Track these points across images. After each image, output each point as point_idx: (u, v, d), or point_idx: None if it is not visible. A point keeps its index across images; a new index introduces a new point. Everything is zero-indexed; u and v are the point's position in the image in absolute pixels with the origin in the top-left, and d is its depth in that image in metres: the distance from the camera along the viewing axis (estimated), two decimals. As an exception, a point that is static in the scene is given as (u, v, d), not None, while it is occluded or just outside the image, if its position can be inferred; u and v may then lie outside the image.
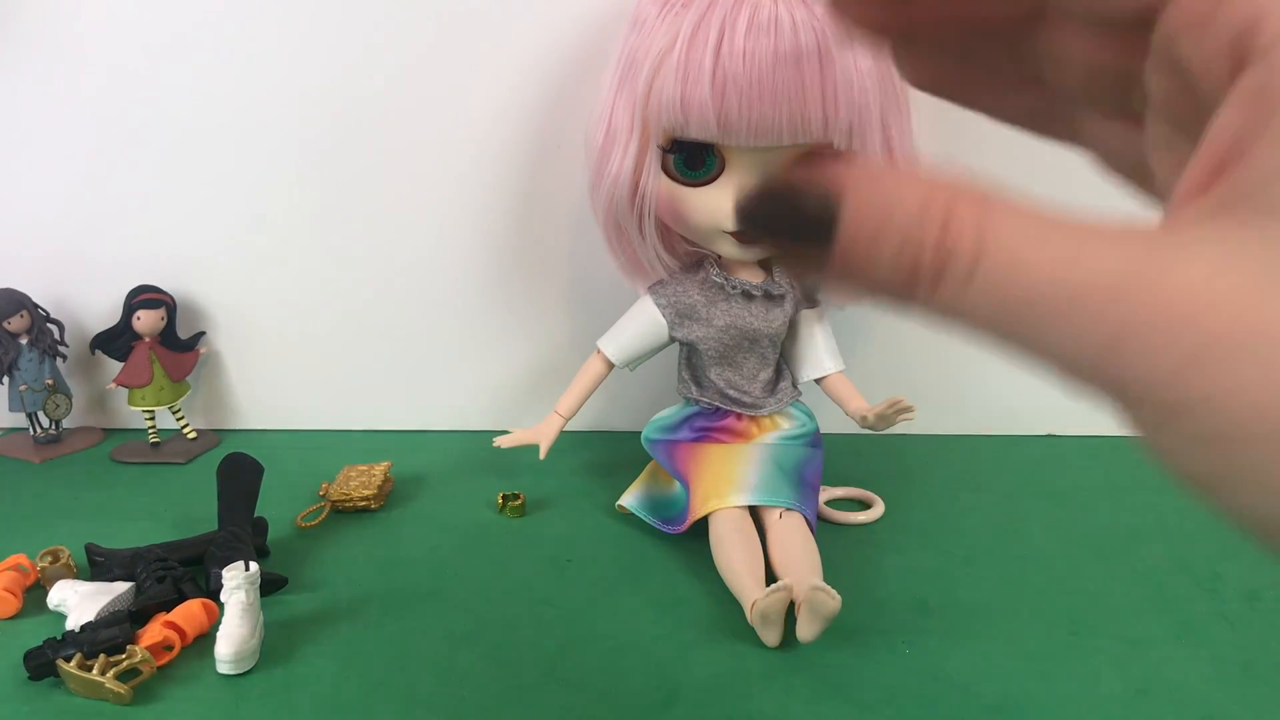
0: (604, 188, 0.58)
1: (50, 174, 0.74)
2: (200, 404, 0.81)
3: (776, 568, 0.55)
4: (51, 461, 0.75)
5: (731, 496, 0.59)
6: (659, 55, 0.53)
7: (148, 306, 0.74)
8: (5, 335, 0.74)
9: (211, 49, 0.70)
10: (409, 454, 0.74)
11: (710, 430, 0.65)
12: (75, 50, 0.70)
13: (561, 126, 0.70)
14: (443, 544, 0.62)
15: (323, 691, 0.47)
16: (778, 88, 0.50)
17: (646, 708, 0.46)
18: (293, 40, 0.70)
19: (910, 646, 0.50)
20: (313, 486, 0.69)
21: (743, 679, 0.48)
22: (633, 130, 0.56)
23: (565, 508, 0.67)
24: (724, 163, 0.56)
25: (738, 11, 0.50)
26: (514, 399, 0.80)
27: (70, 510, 0.67)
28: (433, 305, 0.77)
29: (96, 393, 0.81)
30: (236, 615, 0.49)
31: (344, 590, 0.56)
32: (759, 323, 0.62)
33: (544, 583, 0.57)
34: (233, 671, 0.48)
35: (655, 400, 0.71)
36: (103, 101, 0.72)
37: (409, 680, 0.48)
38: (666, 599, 0.55)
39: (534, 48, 0.68)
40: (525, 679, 0.48)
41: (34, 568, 0.56)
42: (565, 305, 0.77)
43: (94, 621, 0.49)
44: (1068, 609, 0.54)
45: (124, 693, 0.45)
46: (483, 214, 0.74)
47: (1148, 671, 0.48)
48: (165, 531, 0.63)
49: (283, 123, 0.72)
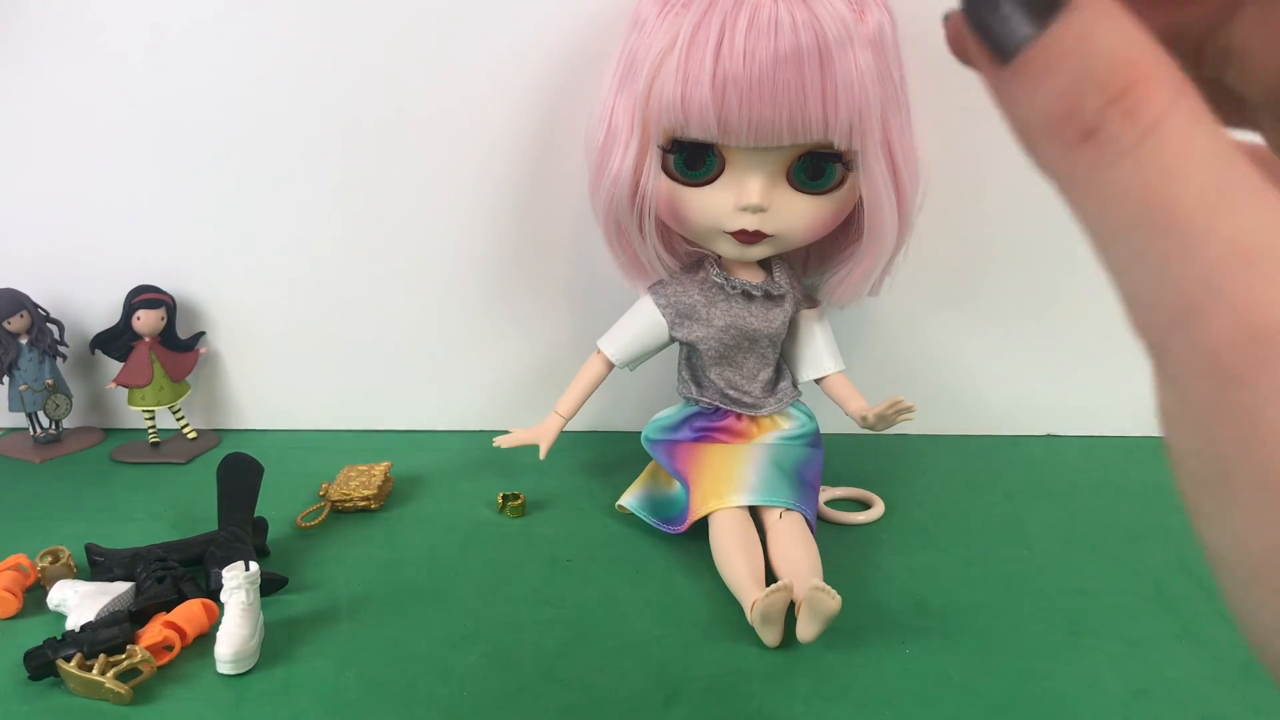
0: (604, 188, 0.58)
1: (51, 174, 0.74)
2: (200, 404, 0.81)
3: (776, 568, 0.55)
4: (51, 461, 0.75)
5: (731, 496, 0.59)
6: (659, 55, 0.53)
7: (148, 306, 0.74)
8: (5, 335, 0.74)
9: (212, 49, 0.70)
10: (409, 454, 0.74)
11: (710, 430, 0.65)
12: (76, 50, 0.70)
13: (561, 126, 0.70)
14: (443, 544, 0.62)
15: (323, 691, 0.47)
16: (778, 88, 0.50)
17: (646, 708, 0.46)
18: (293, 41, 0.69)
19: (910, 646, 0.50)
20: (313, 486, 0.69)
21: (743, 679, 0.48)
22: (633, 130, 0.56)
23: (565, 508, 0.67)
24: (724, 163, 0.56)
25: (738, 12, 0.50)
26: (514, 399, 0.80)
27: (70, 510, 0.67)
28: (433, 305, 0.77)
29: (96, 393, 0.81)
30: (236, 615, 0.49)
31: (344, 590, 0.56)
32: (759, 323, 0.62)
33: (544, 583, 0.57)
34: (233, 671, 0.48)
35: (655, 400, 0.71)
36: (103, 102, 0.72)
37: (409, 680, 0.48)
38: (666, 599, 0.55)
39: (534, 48, 0.68)
40: (525, 679, 0.48)
41: (34, 568, 0.56)
42: (565, 305, 0.77)
43: (94, 621, 0.49)
44: (1067, 609, 0.54)
45: (124, 693, 0.45)
46: (483, 214, 0.74)
47: (1147, 671, 0.48)
48: (165, 531, 0.63)
49: (283, 123, 0.72)
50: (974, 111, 0.69)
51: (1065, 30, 0.13)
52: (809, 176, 0.56)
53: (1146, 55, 0.13)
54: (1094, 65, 0.13)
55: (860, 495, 0.67)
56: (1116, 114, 0.13)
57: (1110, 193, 0.13)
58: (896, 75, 0.55)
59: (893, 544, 0.61)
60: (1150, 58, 0.13)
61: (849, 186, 0.57)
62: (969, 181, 0.71)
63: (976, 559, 0.59)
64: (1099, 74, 0.13)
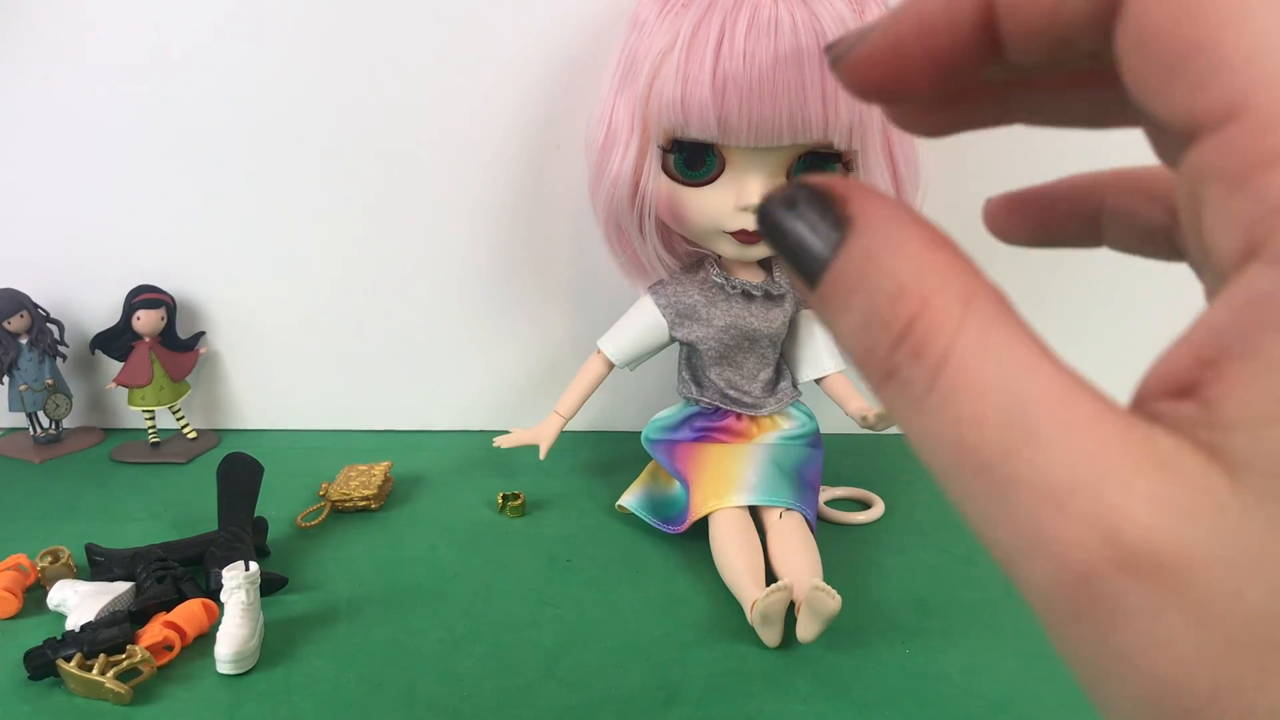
0: (604, 188, 0.58)
1: (51, 174, 0.74)
2: (200, 404, 0.81)
3: (776, 568, 0.55)
4: (51, 461, 0.75)
5: (731, 496, 0.59)
6: (659, 55, 0.53)
7: (148, 306, 0.74)
8: (5, 335, 0.74)
9: (212, 49, 0.70)
10: (409, 454, 0.74)
11: (710, 430, 0.65)
12: (76, 50, 0.70)
13: (561, 126, 0.70)
14: (443, 544, 0.62)
15: (323, 691, 0.47)
16: (778, 88, 0.50)
17: (646, 708, 0.46)
18: (293, 41, 0.69)
19: (910, 646, 0.50)
20: (313, 486, 0.69)
21: (743, 679, 0.48)
22: (633, 130, 0.56)
23: (565, 508, 0.67)
24: (724, 163, 0.56)
25: (738, 12, 0.50)
26: (514, 399, 0.80)
27: (70, 510, 0.67)
28: (433, 305, 0.77)
29: (96, 393, 0.81)
30: (236, 615, 0.49)
31: (344, 590, 0.56)
32: (759, 323, 0.62)
33: (544, 583, 0.57)
34: (233, 671, 0.48)
35: (655, 400, 0.71)
36: (103, 102, 0.72)
37: (409, 680, 0.48)
38: (666, 599, 0.55)
39: (534, 48, 0.68)
40: (525, 679, 0.48)
41: (34, 568, 0.56)
42: (565, 305, 0.77)
43: (94, 621, 0.49)
44: (1068, 609, 0.54)
45: (124, 693, 0.45)
46: (483, 214, 0.74)
47: (1148, 671, 0.48)
48: (165, 531, 0.63)
49: (283, 123, 0.72)
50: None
51: (848, 260, 0.13)
52: (809, 176, 0.56)
53: (925, 277, 0.12)
54: (877, 302, 0.12)
55: (860, 495, 0.67)
56: (905, 355, 0.12)
57: (921, 436, 0.12)
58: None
59: (893, 544, 0.61)
60: (931, 277, 0.12)
61: (849, 186, 0.57)
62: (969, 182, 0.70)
63: (976, 559, 0.59)
64: (882, 311, 0.12)
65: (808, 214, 0.13)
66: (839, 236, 0.13)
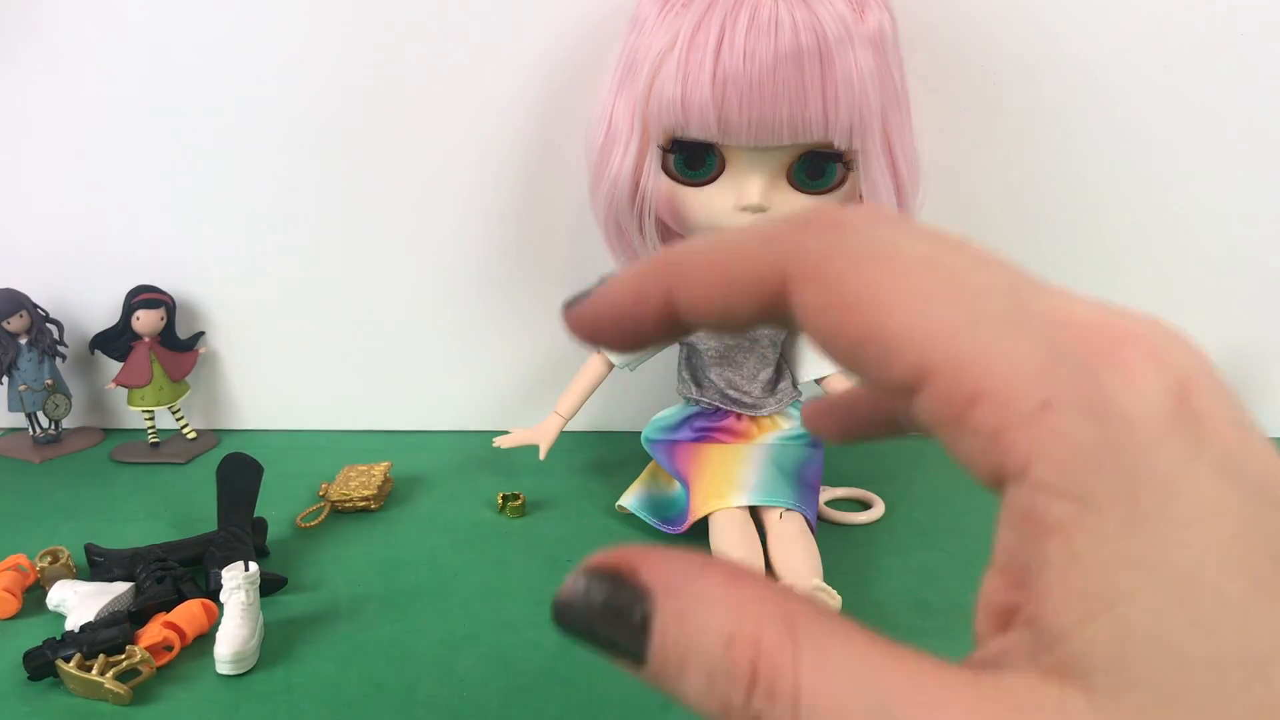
0: (604, 188, 0.58)
1: (50, 174, 0.74)
2: (200, 404, 0.81)
3: (776, 568, 0.55)
4: (51, 461, 0.75)
5: (731, 497, 0.59)
6: (659, 55, 0.53)
7: (147, 306, 0.74)
8: (5, 335, 0.73)
9: (212, 49, 0.70)
10: (409, 454, 0.74)
11: (710, 430, 0.65)
12: (76, 50, 0.70)
13: (561, 126, 0.70)
14: (443, 544, 0.62)
15: (323, 691, 0.47)
16: (778, 88, 0.50)
17: (646, 708, 0.45)
18: (293, 41, 0.69)
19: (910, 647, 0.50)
20: (313, 486, 0.69)
21: (743, 679, 0.48)
22: (633, 130, 0.56)
23: (565, 508, 0.67)
24: (724, 162, 0.56)
25: (738, 12, 0.50)
26: (514, 399, 0.80)
27: (70, 510, 0.67)
28: (433, 305, 0.77)
29: (96, 393, 0.81)
30: (236, 615, 0.49)
31: (343, 590, 0.56)
32: (759, 323, 0.62)
33: (544, 583, 0.57)
34: (232, 672, 0.48)
35: (655, 400, 0.71)
36: (103, 101, 0.72)
37: (409, 680, 0.48)
38: (666, 599, 0.55)
39: (534, 48, 0.68)
40: (525, 679, 0.48)
41: (34, 568, 0.56)
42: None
43: (94, 621, 0.49)
44: (1068, 609, 0.54)
45: (124, 693, 0.45)
46: (483, 214, 0.74)
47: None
48: (165, 531, 0.63)
49: (283, 123, 0.72)
50: (974, 111, 0.69)
51: (664, 631, 0.13)
52: (809, 176, 0.56)
53: (745, 617, 0.12)
54: (712, 659, 0.12)
55: (860, 495, 0.67)
56: (762, 701, 0.12)
57: None
58: (897, 75, 0.55)
59: (893, 544, 0.61)
60: (750, 615, 0.12)
61: (849, 186, 0.57)
62: (969, 181, 0.70)
63: (976, 559, 0.59)
64: (724, 665, 0.12)
65: (604, 598, 0.13)
66: (644, 610, 0.13)
